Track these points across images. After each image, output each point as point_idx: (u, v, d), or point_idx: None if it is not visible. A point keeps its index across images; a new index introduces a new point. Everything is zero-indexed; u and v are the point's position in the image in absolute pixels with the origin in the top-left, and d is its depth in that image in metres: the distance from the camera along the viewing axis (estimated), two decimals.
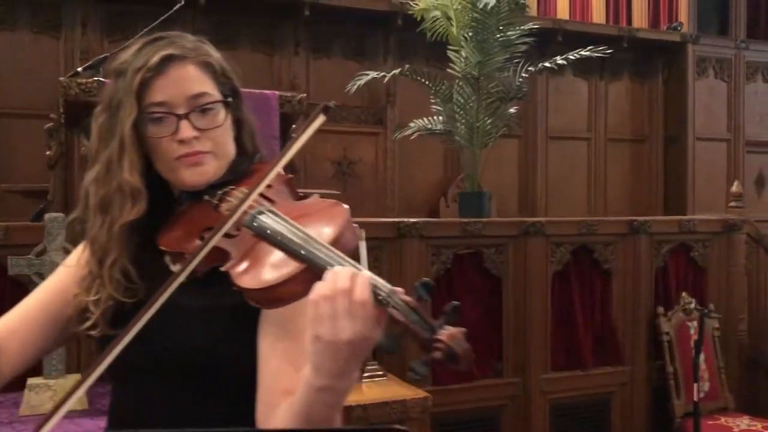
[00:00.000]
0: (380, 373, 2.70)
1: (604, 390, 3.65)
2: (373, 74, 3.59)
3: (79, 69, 2.35)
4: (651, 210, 5.65)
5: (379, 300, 0.84)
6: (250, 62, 4.59)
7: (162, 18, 2.44)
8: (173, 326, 1.01)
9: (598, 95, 5.73)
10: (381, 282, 0.86)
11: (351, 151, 4.85)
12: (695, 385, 3.12)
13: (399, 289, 0.84)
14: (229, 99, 1.13)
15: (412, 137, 3.76)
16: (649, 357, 3.75)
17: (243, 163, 1.15)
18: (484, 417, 3.36)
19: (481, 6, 3.26)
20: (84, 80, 2.18)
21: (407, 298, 0.84)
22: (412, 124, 3.76)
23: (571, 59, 3.61)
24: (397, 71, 3.62)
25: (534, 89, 5.36)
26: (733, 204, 4.24)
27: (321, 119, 1.00)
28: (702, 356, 3.71)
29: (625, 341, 3.72)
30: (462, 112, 3.52)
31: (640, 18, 5.88)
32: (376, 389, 2.53)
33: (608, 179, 5.78)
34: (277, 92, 2.67)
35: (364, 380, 2.59)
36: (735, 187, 4.33)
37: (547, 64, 3.58)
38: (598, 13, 5.79)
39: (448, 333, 0.81)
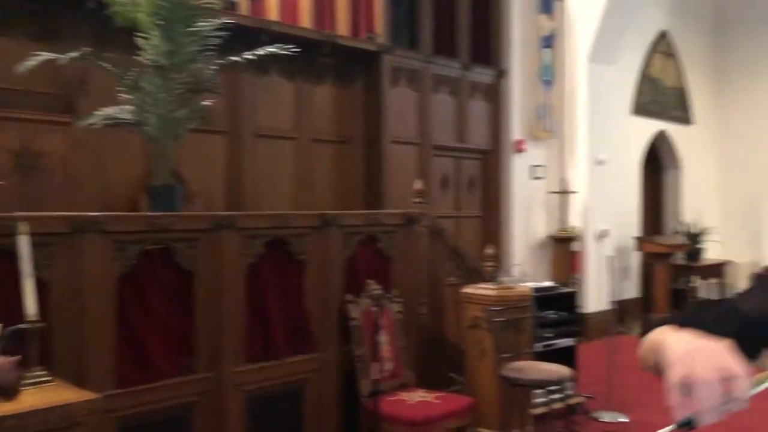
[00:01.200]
0: (47, 378, 2.48)
1: (297, 377, 3.77)
2: (48, 55, 3.28)
3: None
4: (353, 207, 5.98)
5: None
6: None
7: None
8: None
9: (303, 97, 5.93)
10: None
11: (35, 141, 4.37)
12: (373, 364, 3.39)
13: None
14: None
15: (94, 126, 3.51)
16: (340, 342, 3.98)
17: None
18: (174, 416, 3.26)
19: None
20: None
21: None
22: (98, 113, 3.52)
23: (259, 54, 3.68)
24: (76, 54, 3.36)
25: (239, 87, 5.38)
26: (416, 200, 4.69)
27: None
28: (387, 338, 4.06)
29: (318, 329, 3.90)
30: (152, 101, 3.39)
31: (343, 26, 6.19)
32: (38, 395, 2.30)
33: (314, 178, 6.00)
34: None
35: (24, 388, 2.34)
36: (418, 185, 4.79)
37: (234, 58, 3.61)
38: (307, 18, 5.95)
39: None
